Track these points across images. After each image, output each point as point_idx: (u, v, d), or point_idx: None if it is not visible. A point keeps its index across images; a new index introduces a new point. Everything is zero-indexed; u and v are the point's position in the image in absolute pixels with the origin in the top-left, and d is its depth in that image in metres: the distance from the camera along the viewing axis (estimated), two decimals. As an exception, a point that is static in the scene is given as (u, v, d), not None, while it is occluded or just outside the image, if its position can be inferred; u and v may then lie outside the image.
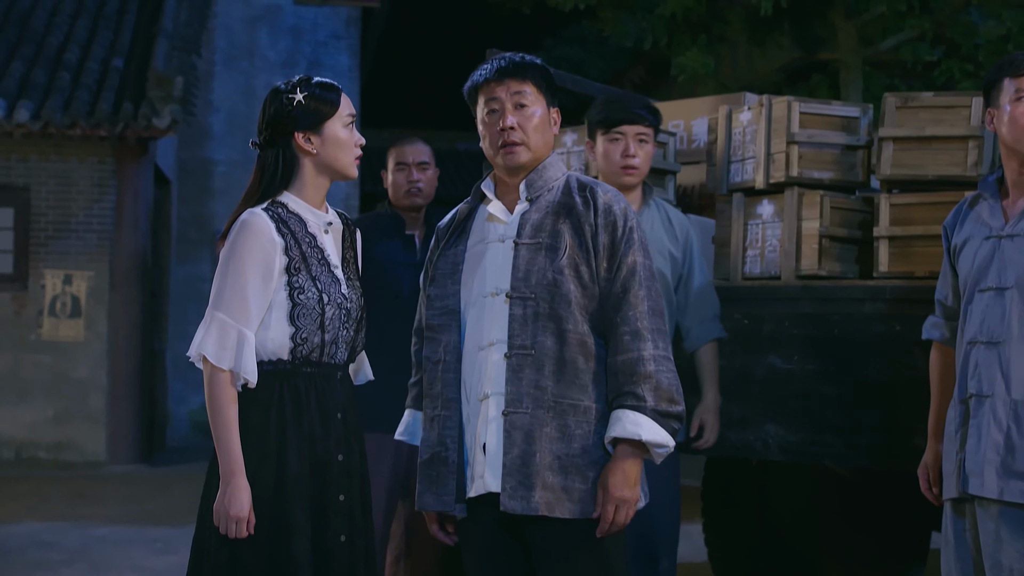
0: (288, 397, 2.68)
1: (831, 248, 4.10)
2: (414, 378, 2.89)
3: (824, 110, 4.15)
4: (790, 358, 3.99)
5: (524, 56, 2.78)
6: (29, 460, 10.69)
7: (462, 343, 2.66)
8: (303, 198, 2.77)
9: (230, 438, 2.61)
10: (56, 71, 10.89)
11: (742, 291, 4.17)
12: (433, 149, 4.48)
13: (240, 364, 2.62)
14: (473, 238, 2.74)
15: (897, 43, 10.66)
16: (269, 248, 2.67)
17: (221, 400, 2.62)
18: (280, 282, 2.68)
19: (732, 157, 4.35)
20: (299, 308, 2.68)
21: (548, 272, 2.61)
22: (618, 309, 2.61)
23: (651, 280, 2.65)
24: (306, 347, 2.70)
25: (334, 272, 2.77)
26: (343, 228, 2.88)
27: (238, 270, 2.65)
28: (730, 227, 4.35)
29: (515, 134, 2.68)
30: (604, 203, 2.67)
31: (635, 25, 10.41)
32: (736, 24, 10.74)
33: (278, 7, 13.70)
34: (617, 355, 2.60)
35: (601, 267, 2.62)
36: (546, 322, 2.59)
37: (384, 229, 4.33)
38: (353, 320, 2.79)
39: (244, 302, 2.63)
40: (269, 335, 2.67)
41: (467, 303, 2.68)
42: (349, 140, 2.75)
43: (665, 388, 2.59)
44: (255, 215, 2.70)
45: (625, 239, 2.64)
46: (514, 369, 2.57)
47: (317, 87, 2.75)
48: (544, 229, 2.65)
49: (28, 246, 10.76)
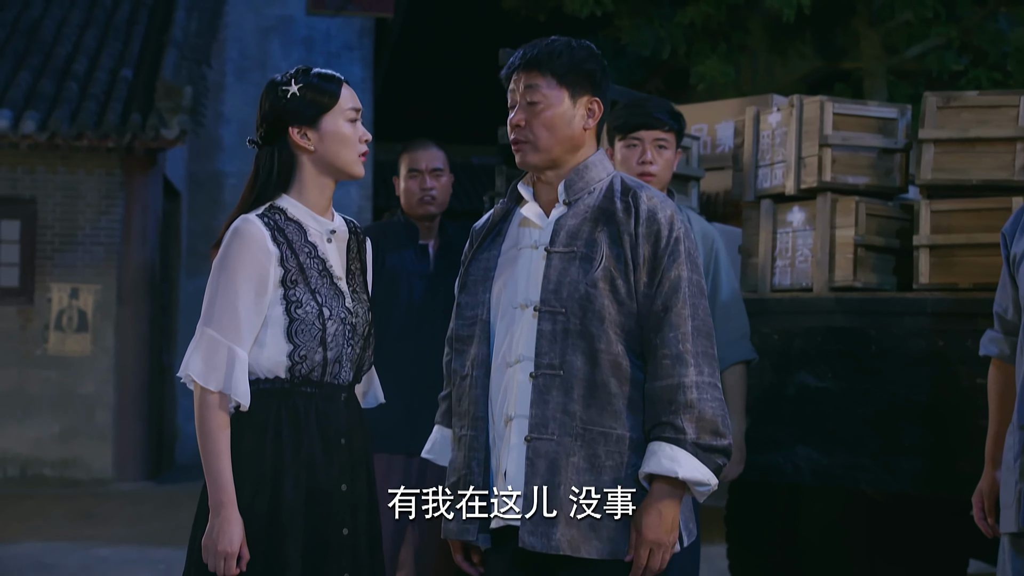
0: (286, 419, 2.50)
1: (867, 258, 3.96)
2: (444, 391, 2.69)
3: (859, 111, 4.00)
4: (823, 376, 3.85)
5: (553, 42, 2.55)
6: (34, 478, 10.57)
7: (491, 357, 2.49)
8: (304, 202, 2.59)
9: (220, 465, 2.44)
10: (64, 81, 10.82)
11: (771, 304, 4.03)
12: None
13: (230, 385, 2.44)
14: (508, 242, 2.56)
15: (922, 51, 10.49)
16: (263, 259, 2.49)
17: (210, 424, 2.45)
18: (275, 296, 2.50)
19: (760, 161, 4.19)
20: (297, 324, 2.50)
21: (581, 285, 2.42)
22: (658, 329, 2.41)
23: (698, 297, 2.44)
24: (305, 365, 2.51)
25: (337, 284, 2.58)
26: (349, 237, 2.68)
27: (228, 283, 2.48)
28: (758, 236, 4.19)
29: (520, 132, 2.50)
30: (647, 209, 2.45)
31: (653, 34, 10.27)
32: (757, 33, 10.61)
33: (290, 18, 13.62)
34: (656, 380, 2.40)
35: (641, 281, 2.42)
36: (576, 340, 2.41)
37: (396, 238, 4.17)
38: (359, 337, 2.60)
39: (235, 317, 2.46)
40: (265, 353, 2.50)
41: (497, 314, 2.50)
42: (351, 135, 2.55)
43: (708, 419, 2.37)
44: (248, 222, 2.52)
45: (669, 250, 2.43)
46: (540, 390, 2.40)
47: (315, 77, 2.56)
48: (580, 237, 2.46)
49: (34, 259, 10.65)
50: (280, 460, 2.47)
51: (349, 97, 2.57)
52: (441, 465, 2.64)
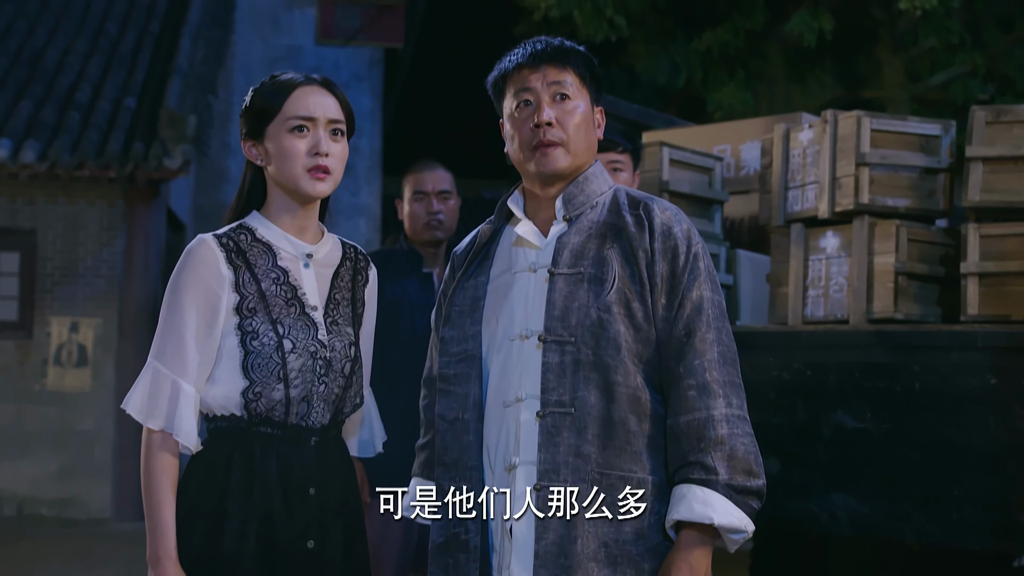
0: (237, 461, 2.25)
1: (908, 287, 3.76)
2: (423, 439, 2.44)
3: (899, 127, 3.78)
4: (862, 416, 3.62)
5: (564, 40, 2.37)
6: (31, 518, 10.42)
7: (484, 398, 2.27)
8: (278, 223, 2.36)
9: (160, 514, 2.21)
10: (66, 110, 10.73)
11: (803, 337, 3.80)
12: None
13: (173, 423, 2.22)
14: (498, 266, 2.35)
15: (947, 79, 10.28)
16: (213, 283, 2.27)
17: (151, 467, 2.23)
18: (229, 325, 2.27)
19: (790, 183, 3.99)
20: (252, 357, 2.26)
21: (592, 309, 2.20)
22: (681, 357, 2.19)
23: (721, 320, 2.23)
24: (263, 403, 2.26)
25: (308, 315, 2.32)
26: (342, 264, 2.43)
27: (175, 310, 2.26)
28: (787, 263, 3.99)
29: (553, 132, 2.28)
30: (662, 223, 2.25)
31: (668, 60, 10.05)
32: (775, 60, 10.47)
33: (299, 48, 13.52)
34: (680, 415, 2.18)
35: (659, 304, 2.22)
36: (589, 372, 2.18)
37: (399, 267, 3.97)
38: (337, 373, 2.32)
39: (181, 348, 2.25)
40: (218, 388, 2.27)
41: (490, 348, 2.28)
42: (292, 147, 2.29)
43: (741, 457, 2.16)
44: (201, 242, 2.29)
45: (689, 268, 2.22)
46: (549, 432, 2.18)
47: (269, 83, 2.35)
48: (586, 256, 2.25)
49: (34, 292, 10.51)
50: (222, 506, 2.22)
51: (299, 103, 2.31)
52: (424, 523, 2.38)
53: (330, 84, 2.35)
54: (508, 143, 2.35)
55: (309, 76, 2.35)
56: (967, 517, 3.38)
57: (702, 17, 10.52)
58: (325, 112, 2.31)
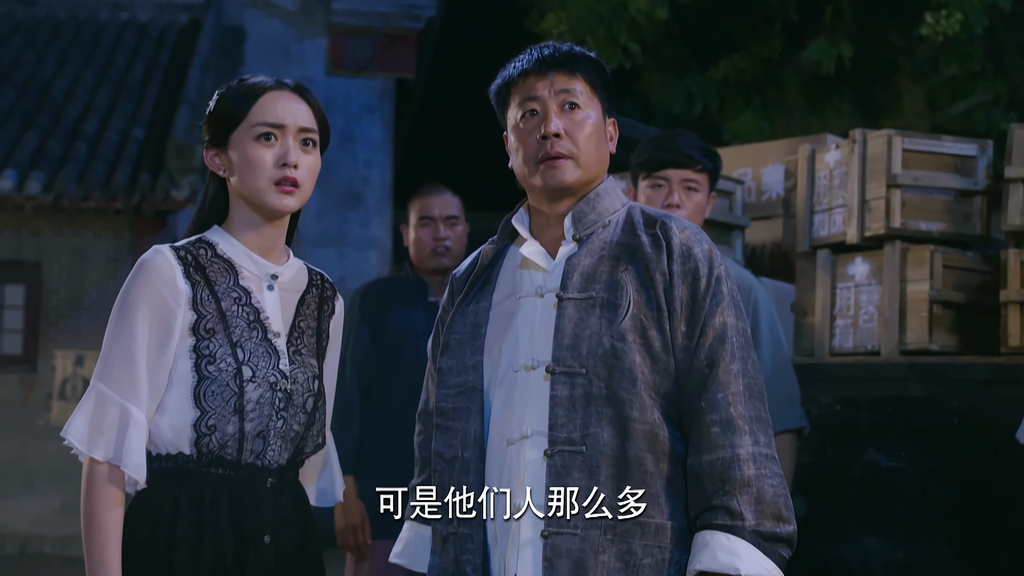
0: (185, 507, 2.04)
1: (944, 317, 3.62)
2: (417, 479, 2.26)
3: (933, 146, 3.65)
4: (895, 454, 3.53)
5: (573, 45, 2.22)
6: (34, 556, 10.32)
7: (486, 434, 2.12)
8: (241, 239, 2.17)
9: (104, 556, 1.99)
10: (72, 141, 10.72)
11: (831, 370, 3.70)
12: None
13: (121, 453, 2.01)
14: (501, 291, 2.20)
15: (968, 108, 10.10)
16: (168, 298, 2.07)
17: (95, 503, 2.01)
18: (184, 346, 2.06)
19: (816, 206, 3.84)
20: (207, 384, 2.05)
21: (605, 338, 2.06)
22: (703, 390, 2.04)
23: (747, 350, 2.08)
24: (215, 439, 2.05)
25: (271, 341, 2.13)
26: (307, 291, 2.24)
27: (125, 326, 2.05)
28: (814, 292, 3.84)
29: (562, 143, 2.13)
30: (681, 243, 2.11)
31: (684, 89, 9.92)
32: (792, 88, 10.31)
33: (309, 78, 13.42)
34: (702, 454, 2.03)
35: (678, 331, 2.07)
36: (602, 407, 2.02)
37: (403, 295, 3.84)
38: (297, 409, 2.13)
39: (131, 369, 2.04)
40: (165, 419, 2.06)
41: (492, 380, 2.13)
42: (257, 157, 2.10)
43: (770, 500, 2.00)
44: (156, 253, 2.10)
45: (711, 293, 2.08)
46: (558, 472, 2.03)
47: (236, 85, 2.16)
48: (598, 279, 2.10)
49: (38, 325, 10.43)
50: (169, 558, 2.02)
51: (267, 109, 2.11)
52: (418, 572, 2.22)
53: (303, 90, 2.16)
54: (512, 156, 2.20)
55: (280, 80, 2.16)
56: (1011, 562, 3.25)
57: (717, 45, 10.43)
58: (295, 119, 2.12)
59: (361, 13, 13.15)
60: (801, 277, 3.88)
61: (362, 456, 3.91)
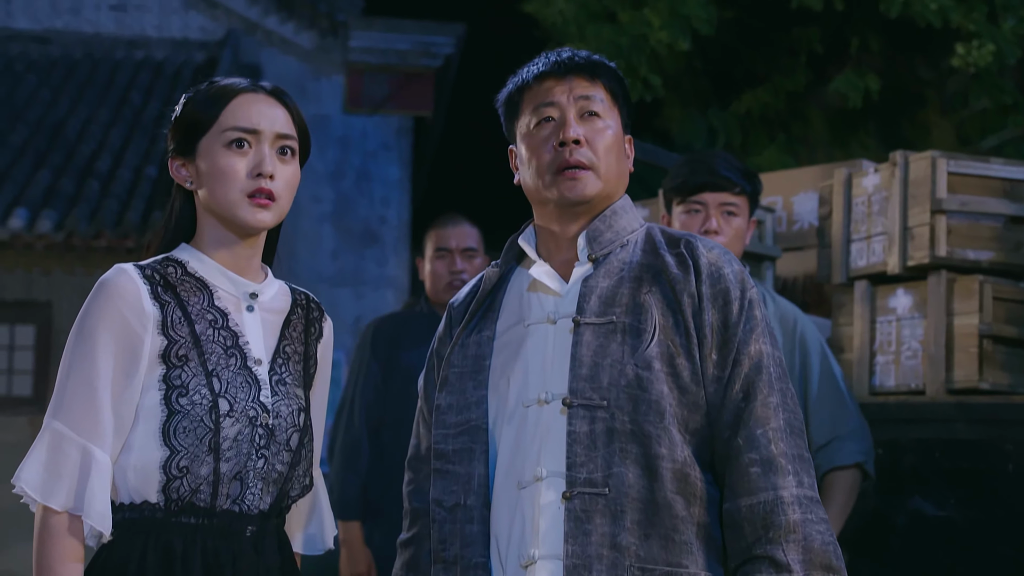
0: (154, 563, 1.82)
1: (995, 352, 3.38)
2: (407, 533, 2.07)
3: (981, 169, 3.47)
4: (943, 503, 3.30)
5: (592, 55, 2.06)
6: None
7: (491, 479, 1.94)
8: (212, 255, 1.96)
9: None
10: (85, 179, 10.74)
11: (872, 410, 3.42)
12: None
13: (83, 502, 1.79)
14: (506, 318, 2.01)
15: (999, 142, 9.92)
16: (134, 322, 1.86)
17: (50, 558, 1.80)
18: (152, 376, 1.85)
19: (853, 235, 3.62)
20: (178, 419, 1.83)
21: (628, 366, 1.88)
22: (739, 425, 1.87)
23: (785, 381, 1.94)
24: (187, 483, 1.83)
25: (252, 370, 1.91)
26: (292, 312, 2.03)
27: (85, 355, 1.85)
28: (852, 326, 3.62)
29: (582, 151, 1.96)
30: (709, 263, 1.95)
31: (706, 124, 9.77)
32: (817, 123, 10.13)
33: (326, 117, 13.42)
34: (740, 497, 1.85)
35: (709, 360, 1.89)
36: (626, 444, 1.84)
37: (416, 331, 3.72)
38: (281, 446, 1.91)
39: (92, 404, 1.83)
40: (130, 460, 1.84)
41: (499, 417, 1.95)
42: (228, 165, 1.90)
43: (819, 549, 1.82)
44: (119, 272, 1.90)
45: (744, 318, 1.92)
46: (578, 518, 1.84)
47: (205, 88, 1.97)
48: (618, 302, 1.93)
49: (49, 366, 10.33)
50: None
51: (239, 113, 1.92)
52: None
53: (280, 93, 1.97)
54: (521, 169, 2.02)
55: (255, 82, 1.97)
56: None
57: (739, 79, 10.30)
58: (272, 125, 1.92)
59: (378, 51, 13.16)
60: (837, 311, 3.68)
61: (369, 500, 3.76)
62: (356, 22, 13.01)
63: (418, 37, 13.16)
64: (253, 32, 12.97)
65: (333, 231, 12.93)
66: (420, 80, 13.52)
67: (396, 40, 13.15)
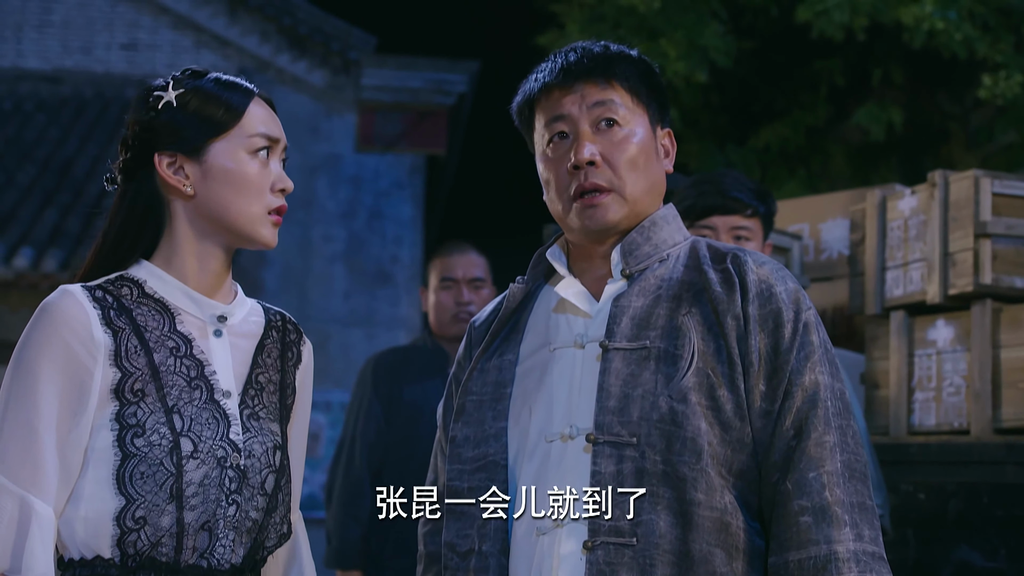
0: None
1: None
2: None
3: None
4: (993, 553, 3.05)
5: (609, 45, 1.84)
6: None
7: (511, 519, 1.75)
8: (177, 273, 1.74)
9: None
10: (92, 219, 10.58)
11: (912, 451, 3.24)
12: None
13: (20, 562, 1.58)
14: (531, 341, 1.83)
15: (1024, 177, 9.68)
16: (81, 352, 1.64)
17: None
18: (103, 414, 1.63)
19: (888, 262, 3.38)
20: (134, 463, 1.62)
21: (661, 398, 1.69)
22: (789, 468, 1.66)
23: (845, 417, 1.71)
24: (145, 536, 1.61)
25: (219, 404, 1.70)
26: (266, 333, 1.82)
27: (23, 391, 1.63)
28: (888, 360, 3.39)
29: (598, 173, 1.78)
30: (759, 280, 1.74)
31: (723, 159, 9.61)
32: (838, 158, 9.97)
33: (338, 156, 13.35)
34: (788, 550, 1.64)
35: (756, 391, 1.69)
36: (658, 487, 1.66)
37: (420, 366, 3.59)
38: (255, 490, 1.69)
39: (32, 449, 1.61)
40: (79, 511, 1.62)
41: (520, 452, 1.77)
42: (256, 176, 1.71)
43: None
44: (65, 295, 1.68)
45: (799, 343, 1.70)
46: (600, 570, 1.66)
47: (210, 82, 1.75)
48: (653, 324, 1.74)
49: None
50: None
51: (263, 117, 1.73)
52: None
53: (271, 102, 1.81)
54: (545, 190, 1.82)
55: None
56: None
57: (757, 114, 10.14)
58: (282, 135, 1.77)
59: (391, 89, 13.09)
60: (872, 344, 3.45)
61: (370, 549, 3.56)
62: (368, 60, 12.96)
63: (431, 75, 13.10)
64: (265, 70, 12.93)
65: (345, 271, 12.80)
66: (433, 118, 13.45)
67: (409, 78, 13.10)
